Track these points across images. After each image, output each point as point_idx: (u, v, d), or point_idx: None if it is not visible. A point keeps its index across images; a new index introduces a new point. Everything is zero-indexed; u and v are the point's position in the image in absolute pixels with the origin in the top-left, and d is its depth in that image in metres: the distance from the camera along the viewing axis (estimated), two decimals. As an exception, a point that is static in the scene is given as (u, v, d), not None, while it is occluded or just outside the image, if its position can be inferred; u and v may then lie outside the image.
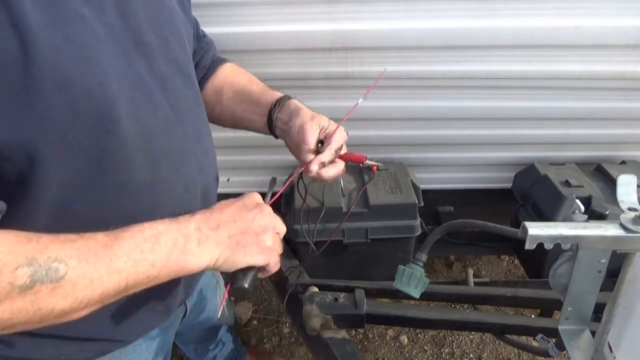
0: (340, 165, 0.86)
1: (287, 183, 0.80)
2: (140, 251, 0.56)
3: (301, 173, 0.84)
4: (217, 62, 0.96)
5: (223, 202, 0.68)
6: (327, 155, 0.82)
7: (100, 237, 0.55)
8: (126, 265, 0.54)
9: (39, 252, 0.49)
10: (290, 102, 0.88)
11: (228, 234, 0.64)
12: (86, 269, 0.51)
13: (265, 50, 1.24)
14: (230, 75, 0.95)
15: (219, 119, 0.96)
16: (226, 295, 0.69)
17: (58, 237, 0.52)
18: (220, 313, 0.92)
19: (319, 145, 0.83)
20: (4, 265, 0.47)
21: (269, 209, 0.70)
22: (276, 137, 0.91)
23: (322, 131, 0.84)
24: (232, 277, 0.66)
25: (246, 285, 0.64)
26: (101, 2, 0.58)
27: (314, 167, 0.81)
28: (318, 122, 0.83)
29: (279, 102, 0.88)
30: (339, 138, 0.85)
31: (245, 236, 0.65)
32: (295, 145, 0.85)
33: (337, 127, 0.85)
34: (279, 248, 0.70)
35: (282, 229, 0.71)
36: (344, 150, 0.88)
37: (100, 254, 0.53)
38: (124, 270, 0.54)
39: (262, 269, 0.67)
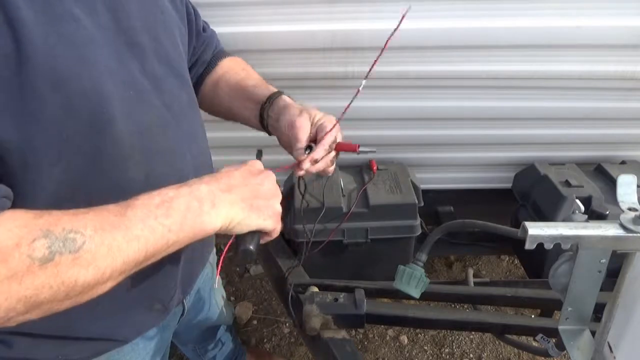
0: (328, 158, 0.84)
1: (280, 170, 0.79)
2: (154, 217, 0.55)
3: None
4: (217, 57, 0.96)
5: (228, 168, 0.67)
6: (319, 152, 0.81)
7: (112, 207, 0.54)
8: (143, 231, 0.53)
9: (52, 224, 0.49)
10: (280, 99, 0.86)
11: (241, 197, 0.63)
12: (104, 237, 0.51)
13: (265, 50, 1.24)
14: (228, 70, 0.95)
15: (218, 114, 0.96)
16: (223, 258, 0.68)
17: (68, 212, 0.51)
18: (217, 284, 0.92)
19: (312, 144, 0.82)
20: (20, 239, 0.46)
21: (273, 175, 0.70)
22: (269, 134, 0.90)
23: (314, 125, 0.83)
24: (238, 240, 0.66)
25: (252, 248, 0.64)
26: (93, 3, 0.59)
27: (306, 166, 0.80)
28: (307, 116, 0.82)
29: (270, 99, 0.87)
30: (333, 134, 0.83)
31: (257, 200, 0.65)
32: (287, 144, 0.85)
33: (334, 124, 0.83)
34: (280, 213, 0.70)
35: (280, 195, 0.71)
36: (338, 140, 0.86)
37: (115, 222, 0.52)
38: (141, 236, 0.53)
39: (265, 233, 0.68)
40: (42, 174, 0.55)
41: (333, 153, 0.85)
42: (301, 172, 0.81)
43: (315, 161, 0.81)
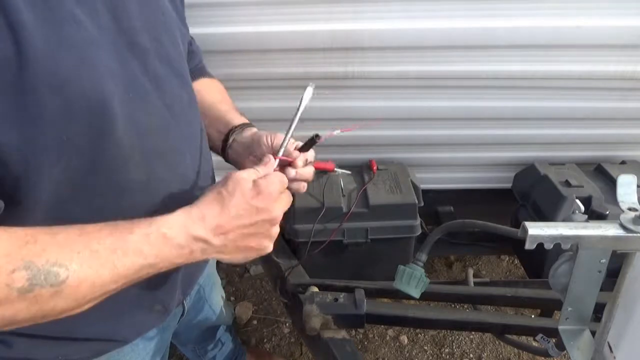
0: (309, 172, 0.79)
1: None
2: (144, 257, 0.56)
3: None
4: (199, 72, 0.95)
5: (238, 192, 0.63)
6: (300, 159, 0.77)
7: (105, 237, 0.54)
8: (129, 270, 0.55)
9: (36, 255, 0.49)
10: (253, 128, 0.86)
11: (234, 244, 0.64)
12: (88, 273, 0.51)
13: (265, 50, 1.24)
14: (203, 89, 0.93)
15: None
16: None
17: (55, 237, 0.51)
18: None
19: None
20: None
21: (278, 207, 0.66)
22: (226, 159, 0.88)
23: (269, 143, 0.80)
24: None
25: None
26: (94, 4, 0.59)
27: (299, 164, 0.76)
28: (276, 133, 0.80)
29: (242, 126, 0.86)
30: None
31: (246, 240, 0.65)
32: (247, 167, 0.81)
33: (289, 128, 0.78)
34: (275, 234, 0.68)
35: (286, 207, 0.69)
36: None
37: (103, 258, 0.53)
38: (128, 275, 0.55)
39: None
40: (43, 175, 0.55)
41: (312, 168, 0.81)
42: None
43: (305, 162, 0.78)
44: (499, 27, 1.18)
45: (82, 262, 0.51)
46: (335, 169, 0.86)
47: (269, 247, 0.68)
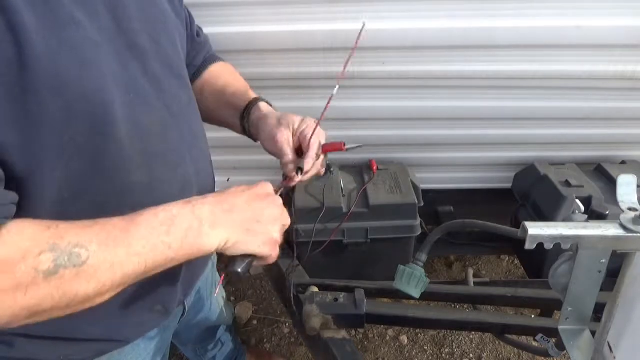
0: (318, 163, 0.84)
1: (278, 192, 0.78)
2: (157, 234, 0.57)
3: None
4: (208, 62, 0.96)
5: (236, 188, 0.68)
6: (309, 163, 0.81)
7: (117, 222, 0.56)
8: (144, 248, 0.55)
9: (59, 237, 0.50)
10: (256, 109, 0.87)
11: (240, 219, 0.64)
12: (107, 253, 0.53)
13: (265, 50, 1.24)
14: (215, 76, 0.95)
15: (206, 120, 0.96)
16: (222, 279, 0.71)
17: (75, 224, 0.53)
18: (217, 291, 0.92)
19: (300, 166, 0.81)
20: (27, 252, 0.48)
21: (280, 200, 0.71)
22: (255, 140, 0.90)
23: (295, 134, 0.83)
24: (229, 260, 0.67)
25: (240, 271, 0.65)
26: (95, 6, 0.59)
27: (297, 179, 0.81)
28: (287, 126, 0.82)
29: (247, 109, 0.87)
30: (317, 139, 0.83)
31: (256, 224, 0.65)
32: (271, 151, 0.85)
33: (314, 129, 0.82)
34: (281, 237, 0.70)
35: (288, 222, 0.71)
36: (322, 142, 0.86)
37: (119, 238, 0.54)
38: (142, 253, 0.55)
39: (261, 258, 0.68)
40: (45, 176, 0.55)
41: (322, 157, 0.85)
42: (294, 184, 0.82)
43: (307, 173, 0.81)
44: (499, 27, 1.18)
45: (100, 242, 0.53)
46: (346, 147, 0.87)
47: (275, 232, 0.67)
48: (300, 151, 0.83)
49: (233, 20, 1.19)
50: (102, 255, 0.52)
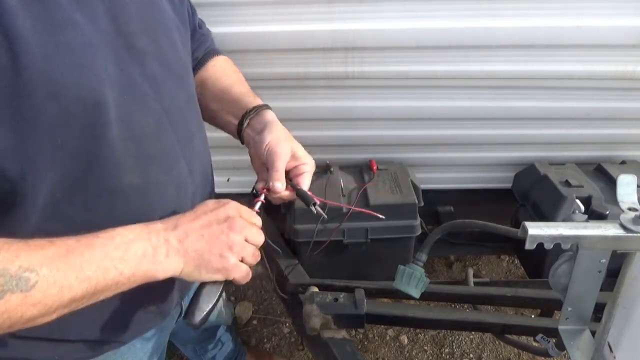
0: (288, 194, 0.84)
1: (256, 208, 0.79)
2: (110, 259, 0.57)
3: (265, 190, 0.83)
4: (209, 55, 0.96)
5: (196, 210, 0.69)
6: (289, 195, 0.82)
7: (72, 244, 0.55)
8: (96, 273, 0.56)
9: (9, 261, 0.50)
10: (267, 112, 0.87)
11: (194, 248, 0.64)
12: (57, 277, 0.52)
13: (265, 50, 1.24)
14: (218, 72, 0.94)
15: (203, 116, 0.96)
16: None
17: (28, 244, 0.52)
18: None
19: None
20: None
21: (240, 223, 0.69)
22: (242, 142, 0.90)
23: (294, 158, 0.83)
24: (197, 289, 0.69)
25: (196, 322, 0.67)
26: (93, 7, 0.58)
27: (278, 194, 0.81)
28: (290, 147, 0.82)
29: (256, 109, 0.87)
30: (308, 181, 0.85)
31: (208, 254, 0.65)
32: (258, 159, 0.85)
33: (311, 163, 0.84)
34: (251, 259, 0.70)
35: (256, 239, 0.70)
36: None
37: (71, 261, 0.54)
38: (93, 277, 0.55)
39: (227, 281, 0.69)
40: (39, 179, 0.55)
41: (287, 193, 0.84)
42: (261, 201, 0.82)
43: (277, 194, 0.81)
44: (499, 27, 1.18)
45: (51, 266, 0.52)
46: (314, 207, 0.87)
47: (231, 259, 0.67)
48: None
49: (233, 20, 1.19)
50: (52, 278, 0.52)
